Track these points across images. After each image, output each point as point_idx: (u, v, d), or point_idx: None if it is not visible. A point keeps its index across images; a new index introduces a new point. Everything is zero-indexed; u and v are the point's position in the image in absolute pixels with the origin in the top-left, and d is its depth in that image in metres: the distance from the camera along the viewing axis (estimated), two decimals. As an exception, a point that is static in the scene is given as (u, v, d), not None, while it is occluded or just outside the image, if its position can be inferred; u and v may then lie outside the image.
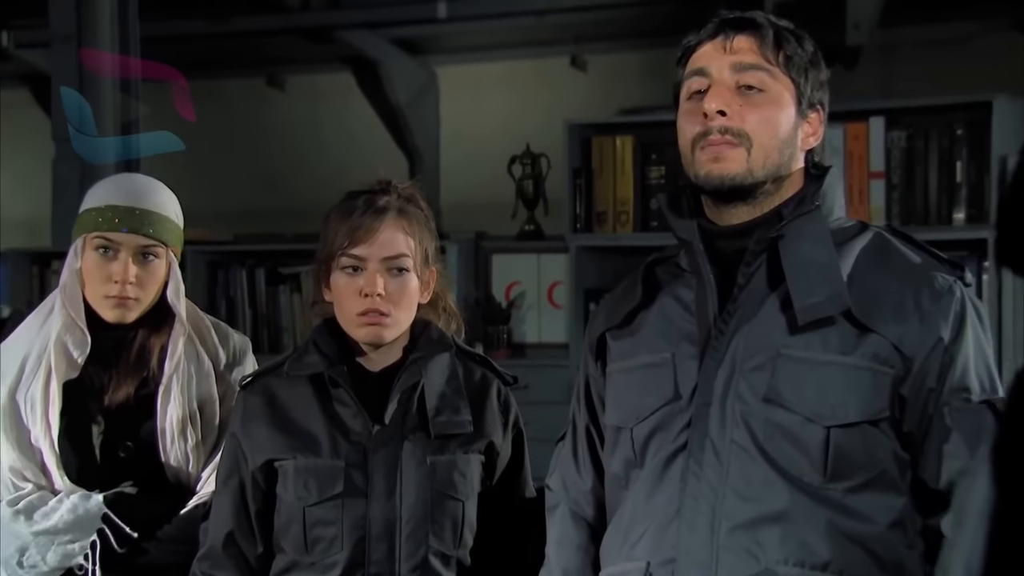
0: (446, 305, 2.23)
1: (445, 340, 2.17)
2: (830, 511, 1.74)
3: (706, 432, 1.77)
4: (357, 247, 2.08)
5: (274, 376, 2.16)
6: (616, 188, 4.12)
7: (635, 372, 1.87)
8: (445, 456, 2.10)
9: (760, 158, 1.80)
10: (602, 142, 4.14)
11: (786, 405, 1.74)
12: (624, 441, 1.87)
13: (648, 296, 1.90)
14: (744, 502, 1.74)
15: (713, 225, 1.87)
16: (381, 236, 2.08)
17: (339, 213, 2.12)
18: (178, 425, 2.34)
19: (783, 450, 1.74)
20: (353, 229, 2.08)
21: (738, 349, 1.78)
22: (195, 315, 2.43)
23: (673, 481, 1.78)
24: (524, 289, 4.34)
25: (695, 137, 1.82)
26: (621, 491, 1.88)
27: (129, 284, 2.32)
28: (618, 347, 1.92)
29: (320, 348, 2.13)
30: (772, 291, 1.80)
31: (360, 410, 2.09)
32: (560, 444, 2.06)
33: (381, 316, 2.09)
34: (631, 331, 1.91)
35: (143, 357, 2.36)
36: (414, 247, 2.11)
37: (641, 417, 1.83)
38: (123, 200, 2.34)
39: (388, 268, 2.08)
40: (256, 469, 2.12)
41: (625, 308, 1.91)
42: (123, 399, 2.34)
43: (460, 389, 2.14)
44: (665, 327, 1.86)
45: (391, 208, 2.10)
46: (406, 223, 2.11)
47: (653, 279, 1.92)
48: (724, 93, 1.80)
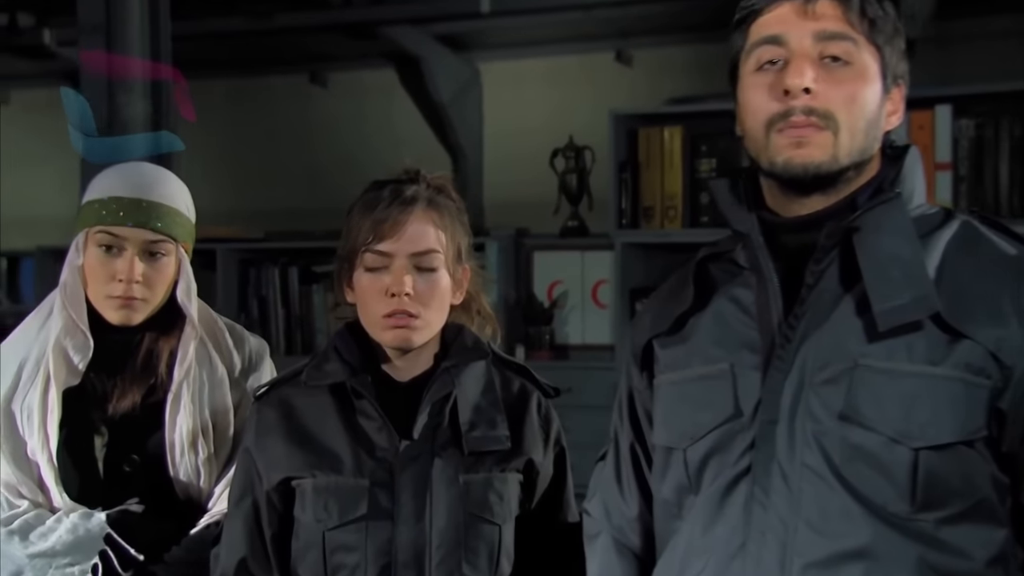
0: (480, 307, 1.97)
1: (480, 346, 1.91)
2: (920, 546, 1.46)
3: (772, 454, 1.50)
4: (382, 242, 1.83)
5: (291, 386, 1.91)
6: (664, 182, 3.87)
7: (687, 385, 1.60)
8: (480, 475, 1.85)
9: (847, 142, 1.52)
10: (649, 133, 3.91)
11: (866, 423, 1.47)
12: (676, 464, 1.60)
13: (701, 298, 1.63)
14: (819, 536, 1.47)
15: (775, 216, 1.59)
16: (409, 230, 1.83)
17: (363, 206, 1.86)
18: (188, 437, 2.08)
19: (864, 475, 1.46)
20: (378, 223, 1.83)
21: (808, 359, 1.51)
22: (208, 317, 2.17)
23: (735, 511, 1.51)
24: (567, 288, 4.12)
25: (772, 118, 1.53)
26: (673, 520, 1.62)
27: (135, 283, 2.06)
28: (667, 356, 1.65)
29: (342, 355, 1.88)
30: (846, 292, 1.52)
31: (386, 423, 1.84)
32: (600, 465, 1.78)
33: (410, 318, 1.83)
34: (682, 338, 1.63)
35: (150, 362, 2.10)
36: (445, 242, 1.86)
37: (696, 437, 1.56)
38: (128, 191, 2.07)
39: (417, 265, 1.84)
40: (271, 488, 1.87)
41: (675, 311, 1.64)
42: (128, 408, 2.08)
43: (497, 401, 1.89)
44: (721, 333, 1.59)
45: (420, 199, 1.85)
46: (436, 215, 1.86)
47: (706, 278, 1.65)
48: (807, 67, 1.51)
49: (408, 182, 1.87)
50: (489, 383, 1.89)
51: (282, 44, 4.91)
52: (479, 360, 1.89)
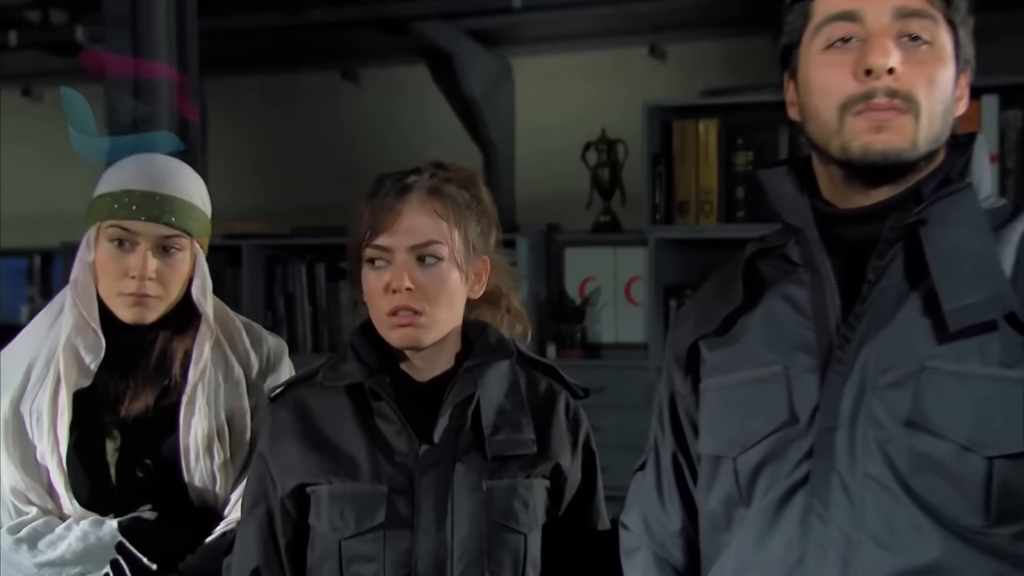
0: (510, 304, 1.84)
1: (505, 345, 1.78)
2: (995, 562, 1.32)
3: (832, 464, 1.36)
4: (380, 236, 1.71)
5: (307, 387, 1.78)
6: (699, 176, 3.76)
7: (737, 389, 1.46)
8: (504, 481, 1.72)
9: (926, 127, 1.38)
10: (684, 126, 3.79)
11: (935, 430, 1.32)
12: (725, 474, 1.45)
13: (750, 296, 1.48)
14: (885, 552, 1.33)
15: (831, 207, 1.45)
16: (404, 221, 1.70)
17: (365, 198, 1.75)
18: (204, 441, 1.94)
19: (933, 486, 1.32)
20: (375, 214, 1.71)
21: (869, 361, 1.36)
22: (224, 315, 2.03)
23: (791, 524, 1.38)
24: (599, 285, 4.01)
25: (849, 100, 1.38)
26: (721, 534, 1.47)
27: (148, 280, 1.92)
28: (715, 359, 1.50)
29: (359, 355, 1.75)
30: (912, 289, 1.37)
31: (405, 427, 1.71)
32: (639, 475, 1.64)
33: (414, 315, 1.70)
34: (731, 339, 1.49)
35: (164, 363, 1.96)
36: (448, 232, 1.72)
37: (747, 444, 1.42)
38: (141, 184, 1.94)
39: (418, 258, 1.71)
40: (286, 495, 1.74)
41: (722, 311, 1.50)
42: (141, 411, 1.94)
43: (522, 403, 1.76)
44: (774, 334, 1.45)
45: (416, 188, 1.72)
46: (437, 205, 1.72)
47: (755, 275, 1.50)
48: (889, 45, 1.37)
49: (411, 172, 1.74)
50: (514, 383, 1.77)
51: (314, 40, 4.86)
52: (503, 359, 1.76)
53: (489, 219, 1.79)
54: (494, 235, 1.80)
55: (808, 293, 1.43)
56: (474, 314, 1.80)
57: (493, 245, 1.80)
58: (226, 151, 5.10)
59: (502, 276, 1.82)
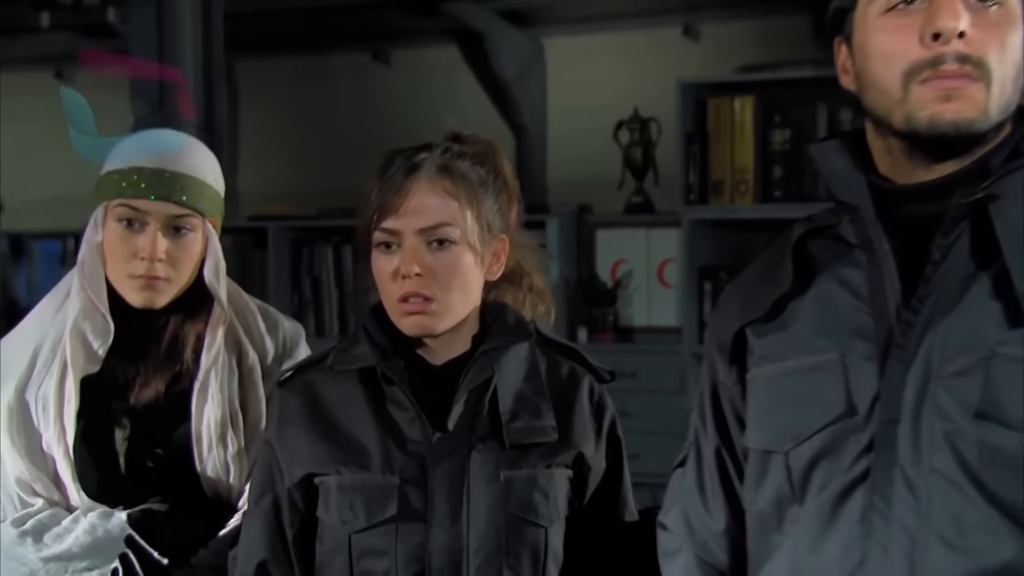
0: (532, 283, 1.71)
1: (523, 327, 1.66)
2: None
3: (894, 458, 1.25)
4: (388, 218, 1.59)
5: (317, 371, 1.66)
6: (734, 155, 3.60)
7: (789, 378, 1.34)
8: (523, 471, 1.60)
9: (997, 95, 1.27)
10: (719, 104, 3.64)
11: (1008, 421, 1.21)
12: (775, 470, 1.34)
13: (801, 279, 1.36)
14: (954, 552, 1.21)
15: (889, 183, 1.32)
16: (413, 202, 1.58)
17: (374, 177, 1.63)
18: (217, 429, 1.81)
19: (1006, 482, 1.21)
20: (383, 194, 1.60)
21: (934, 347, 1.24)
22: (238, 299, 1.90)
23: (850, 524, 1.26)
24: (631, 268, 3.86)
25: (915, 66, 1.26)
26: (772, 535, 1.36)
27: (158, 261, 1.80)
28: (763, 346, 1.38)
29: (372, 337, 1.63)
30: (980, 270, 1.25)
31: (418, 413, 1.59)
32: (679, 472, 1.51)
33: (425, 302, 1.58)
34: (780, 325, 1.37)
35: (176, 348, 1.84)
36: (460, 212, 1.59)
37: (800, 438, 1.31)
38: (151, 161, 1.81)
39: (428, 241, 1.59)
40: (293, 485, 1.63)
41: (771, 295, 1.37)
42: (152, 398, 1.82)
43: (542, 387, 1.64)
44: (828, 319, 1.33)
45: (426, 166, 1.60)
46: (448, 183, 1.59)
47: (805, 256, 1.37)
48: (959, 7, 1.25)
49: (421, 149, 1.62)
50: (533, 367, 1.64)
51: (345, 21, 4.76)
52: (521, 341, 1.64)
53: (508, 195, 1.66)
54: (515, 211, 1.68)
55: (864, 275, 1.31)
56: (494, 294, 1.68)
57: (514, 222, 1.68)
58: (257, 134, 5.05)
59: (524, 254, 1.70)
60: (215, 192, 1.86)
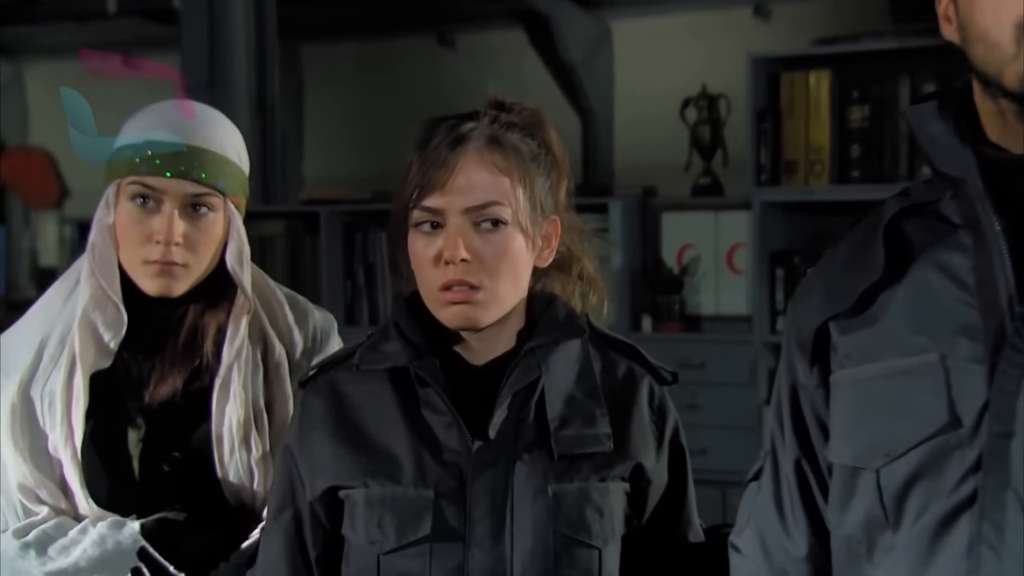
0: (583, 270, 1.51)
1: (575, 321, 1.46)
2: None
3: (1007, 480, 1.06)
4: (431, 195, 1.40)
5: (343, 370, 1.47)
6: (809, 133, 3.39)
7: (879, 382, 1.14)
8: (574, 484, 1.41)
9: None
10: (793, 79, 3.41)
11: None
12: (865, 489, 1.15)
13: (894, 265, 1.16)
14: None
15: (1002, 152, 1.11)
16: (460, 178, 1.39)
17: (413, 149, 1.44)
18: (239, 431, 1.63)
19: None
20: (425, 169, 1.40)
21: None
22: (264, 287, 1.72)
23: (954, 556, 1.08)
24: (699, 253, 3.66)
25: None
26: (861, 564, 1.17)
27: (175, 245, 1.61)
28: (849, 344, 1.17)
29: (404, 333, 1.44)
30: None
31: (456, 419, 1.39)
32: (753, 487, 1.30)
33: (471, 291, 1.39)
34: (869, 319, 1.17)
35: (195, 341, 1.65)
36: (511, 190, 1.41)
37: (894, 453, 1.13)
38: (167, 134, 1.63)
39: (476, 222, 1.40)
40: (315, 499, 1.43)
41: (858, 284, 1.17)
42: (168, 396, 1.63)
43: (596, 390, 1.44)
44: (926, 314, 1.13)
45: (474, 138, 1.41)
46: (499, 158, 1.40)
47: (900, 239, 1.17)
48: None
49: (467, 118, 1.43)
50: (586, 367, 1.45)
51: (410, 5, 4.69)
52: (573, 338, 1.45)
53: (559, 171, 1.47)
54: (564, 189, 1.48)
55: (971, 261, 1.11)
56: (541, 284, 1.48)
57: (564, 201, 1.48)
58: (322, 120, 5.00)
59: (574, 237, 1.50)
60: (238, 169, 1.68)
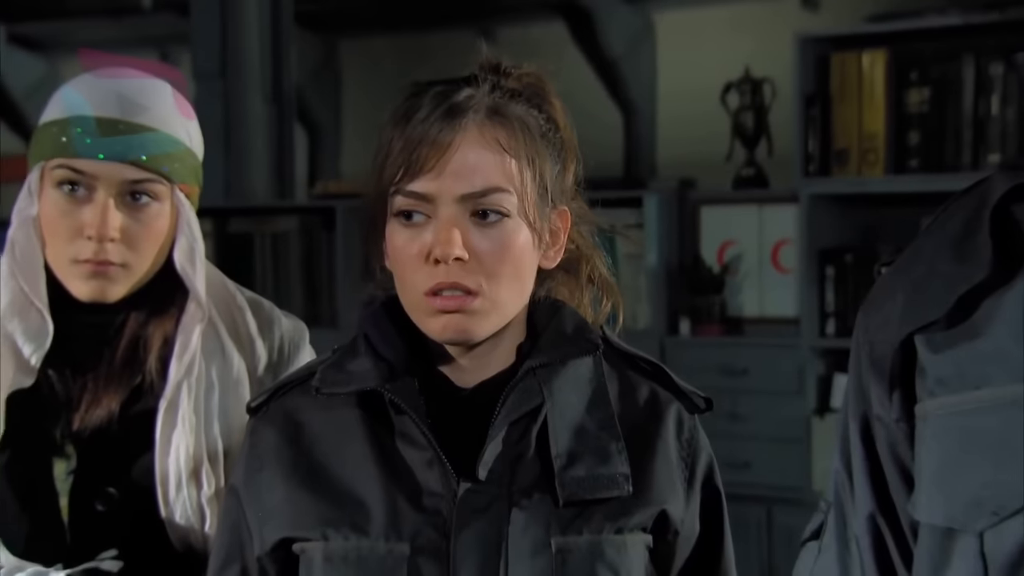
0: (593, 271, 1.23)
1: (586, 335, 1.18)
2: None
3: None
4: (418, 178, 1.12)
5: (301, 394, 1.18)
6: (862, 119, 3.13)
7: (985, 416, 0.90)
8: (584, 537, 1.14)
9: None
10: (844, 60, 3.14)
11: None
12: (964, 557, 0.91)
13: (1004, 262, 0.90)
14: None
15: None
16: (456, 157, 1.12)
17: (395, 121, 1.14)
18: (188, 463, 1.34)
19: None
20: (412, 146, 1.12)
21: None
22: (222, 290, 1.43)
23: None
24: (741, 250, 3.47)
25: None
26: None
27: (110, 241, 1.32)
28: (943, 365, 0.92)
29: (376, 348, 1.16)
30: None
31: (438, 455, 1.12)
32: (811, 548, 1.05)
33: (466, 297, 1.12)
34: (970, 332, 0.91)
35: (136, 355, 1.36)
36: (518, 173, 1.14)
37: (1004, 511, 0.89)
38: (100, 108, 1.34)
39: (473, 212, 1.13)
40: (265, 554, 1.15)
41: (954, 287, 0.91)
42: (104, 421, 1.34)
43: (611, 420, 1.17)
44: None
45: (473, 108, 1.13)
46: (503, 133, 1.13)
47: (1011, 227, 0.90)
48: None
49: (463, 83, 1.15)
50: (599, 391, 1.18)
51: None
52: (584, 355, 1.17)
53: (568, 151, 1.18)
54: (573, 173, 1.19)
55: None
56: (545, 289, 1.19)
57: (572, 188, 1.20)
58: (361, 113, 4.98)
59: (584, 233, 1.21)
60: (187, 151, 1.38)
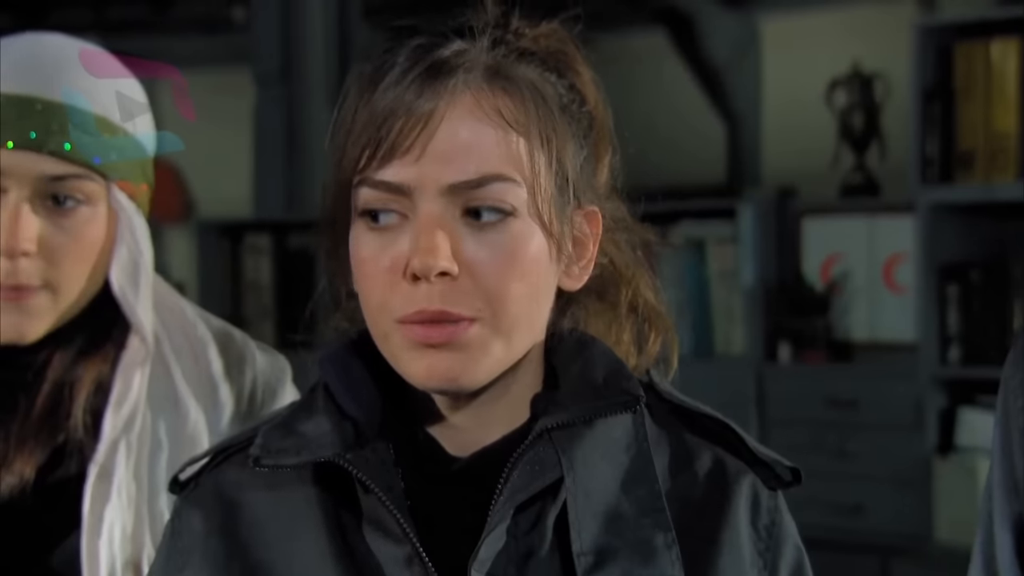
0: (636, 297, 0.89)
1: (623, 384, 0.84)
2: None
3: None
4: (389, 163, 0.79)
5: (238, 466, 0.85)
6: (990, 117, 2.78)
7: None
8: None
9: None
10: (970, 50, 2.78)
11: None
12: None
13: None
14: None
15: None
16: (441, 133, 0.78)
17: (360, 86, 0.82)
18: (125, 546, 1.00)
19: None
20: (378, 119, 0.79)
21: None
22: (179, 318, 1.08)
23: None
24: (849, 266, 3.16)
25: None
26: None
27: (23, 256, 1.00)
28: None
29: (337, 402, 0.84)
30: None
31: (416, 551, 0.80)
32: None
33: (458, 328, 0.79)
34: None
35: (59, 407, 1.02)
36: (527, 157, 0.80)
37: None
38: (11, 84, 1.02)
39: (466, 209, 0.80)
40: None
41: None
42: (16, 491, 1.01)
43: (657, 503, 0.83)
44: None
45: (464, 67, 0.81)
46: (508, 102, 0.80)
47: None
48: None
49: (452, 35, 0.82)
50: (640, 463, 0.84)
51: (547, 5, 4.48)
52: (620, 412, 0.83)
53: (601, 134, 0.86)
54: (607, 164, 0.86)
55: None
56: (569, 318, 0.86)
57: (606, 185, 0.87)
58: None
59: (622, 244, 0.87)
60: (130, 141, 1.03)
